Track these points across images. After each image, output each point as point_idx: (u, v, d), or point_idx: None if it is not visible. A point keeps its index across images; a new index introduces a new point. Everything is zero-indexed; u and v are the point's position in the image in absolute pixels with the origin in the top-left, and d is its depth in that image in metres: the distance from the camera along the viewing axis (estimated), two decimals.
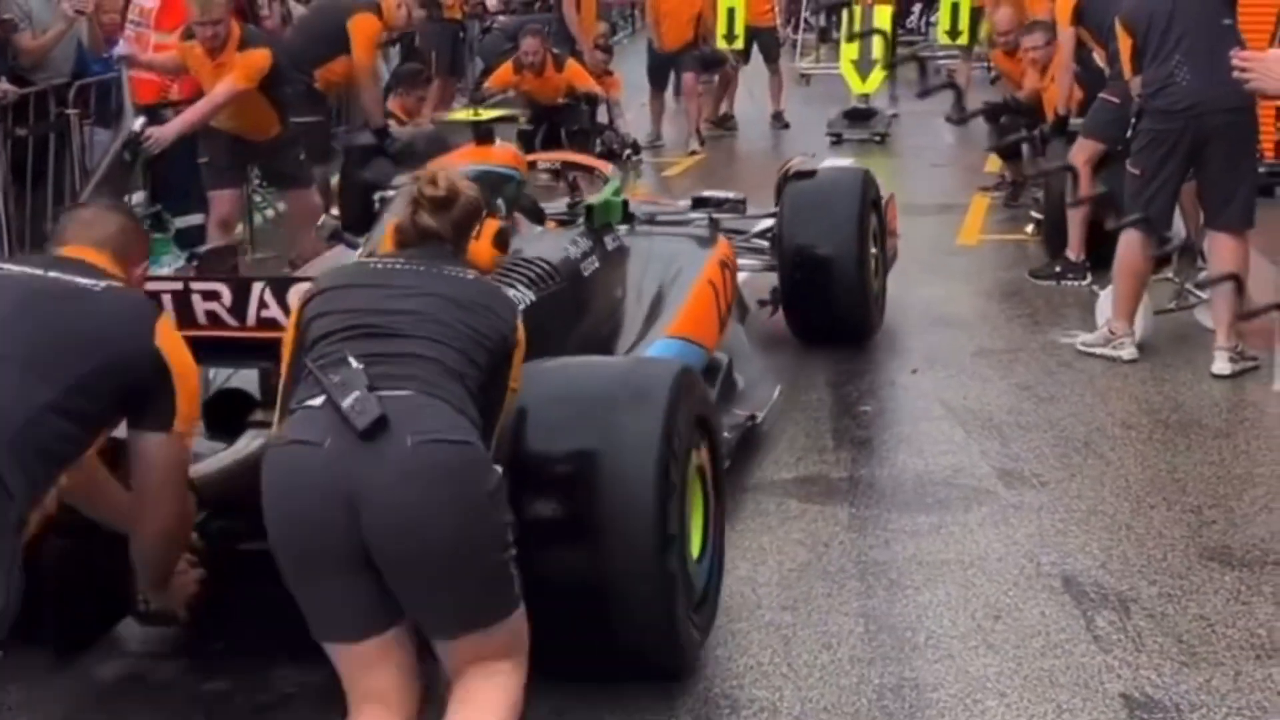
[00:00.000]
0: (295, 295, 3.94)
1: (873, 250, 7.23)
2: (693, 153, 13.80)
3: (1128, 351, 7.02)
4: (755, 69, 15.17)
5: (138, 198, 10.19)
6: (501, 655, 3.30)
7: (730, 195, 7.55)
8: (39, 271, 3.44)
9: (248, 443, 4.14)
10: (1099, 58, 8.37)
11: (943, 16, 15.30)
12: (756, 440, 5.98)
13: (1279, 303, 6.38)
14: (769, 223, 7.40)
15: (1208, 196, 6.96)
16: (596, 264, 5.76)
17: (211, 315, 4.23)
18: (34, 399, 3.15)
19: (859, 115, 14.05)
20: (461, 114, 8.90)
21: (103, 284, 3.43)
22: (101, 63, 9.48)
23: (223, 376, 4.61)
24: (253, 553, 3.57)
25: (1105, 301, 7.29)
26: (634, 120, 13.89)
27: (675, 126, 14.62)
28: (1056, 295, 8.31)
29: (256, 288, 4.28)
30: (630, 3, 25.08)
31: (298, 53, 8.79)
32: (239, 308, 4.27)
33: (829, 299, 7.06)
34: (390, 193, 5.36)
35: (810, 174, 7.31)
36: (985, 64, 14.91)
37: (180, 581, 3.83)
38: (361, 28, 8.93)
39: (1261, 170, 10.54)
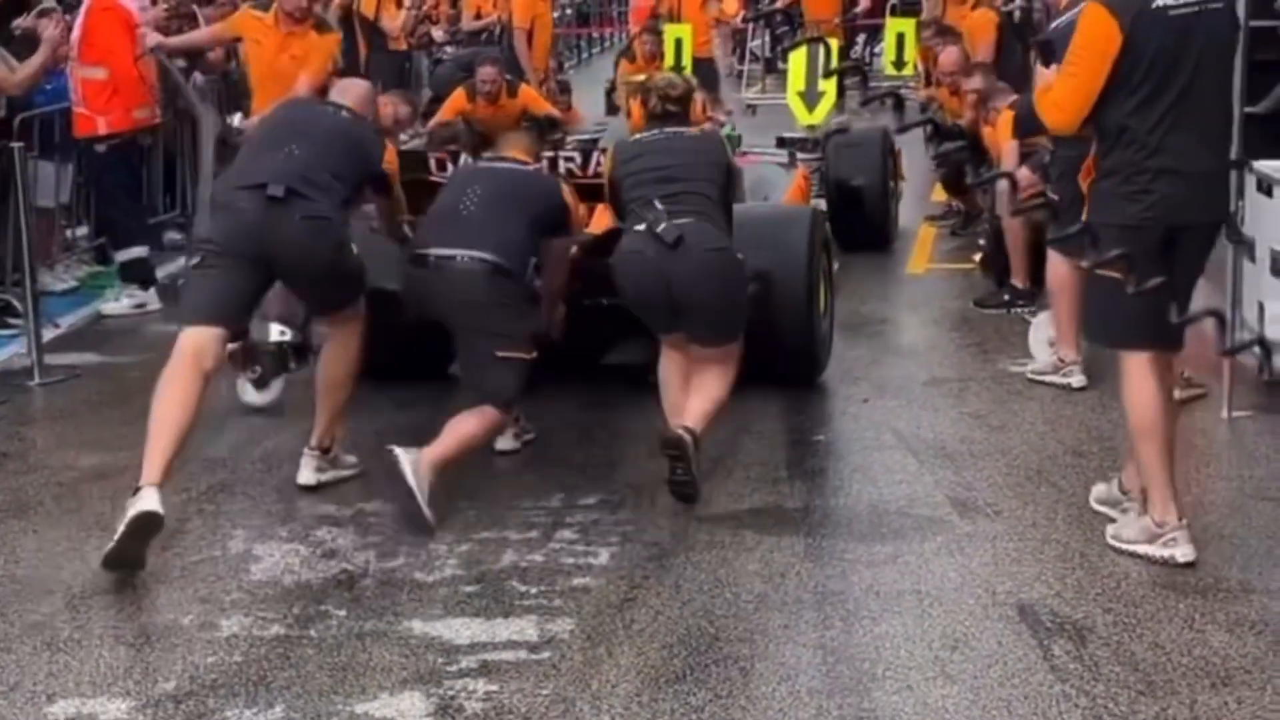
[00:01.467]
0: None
1: (890, 184, 10.40)
2: None
3: (1077, 379, 7.07)
4: None
5: (81, 231, 10.15)
6: (724, 360, 5.90)
7: (803, 135, 10.66)
8: (497, 165, 6.21)
9: None
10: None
11: (888, 47, 15.40)
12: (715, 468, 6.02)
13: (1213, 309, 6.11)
14: (817, 164, 10.13)
15: None
16: None
17: (568, 170, 7.06)
18: (514, 232, 5.86)
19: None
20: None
21: (530, 168, 6.25)
22: (44, 94, 9.41)
23: None
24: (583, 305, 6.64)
25: (1038, 329, 7.36)
26: None
27: None
28: (1005, 324, 8.35)
29: (595, 154, 7.06)
30: (577, 34, 25.17)
31: None
32: (585, 164, 7.04)
33: (862, 217, 9.97)
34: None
35: (846, 130, 10.75)
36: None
37: (557, 314, 6.38)
38: None
39: None
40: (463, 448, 5.71)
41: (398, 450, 5.49)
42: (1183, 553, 5.12)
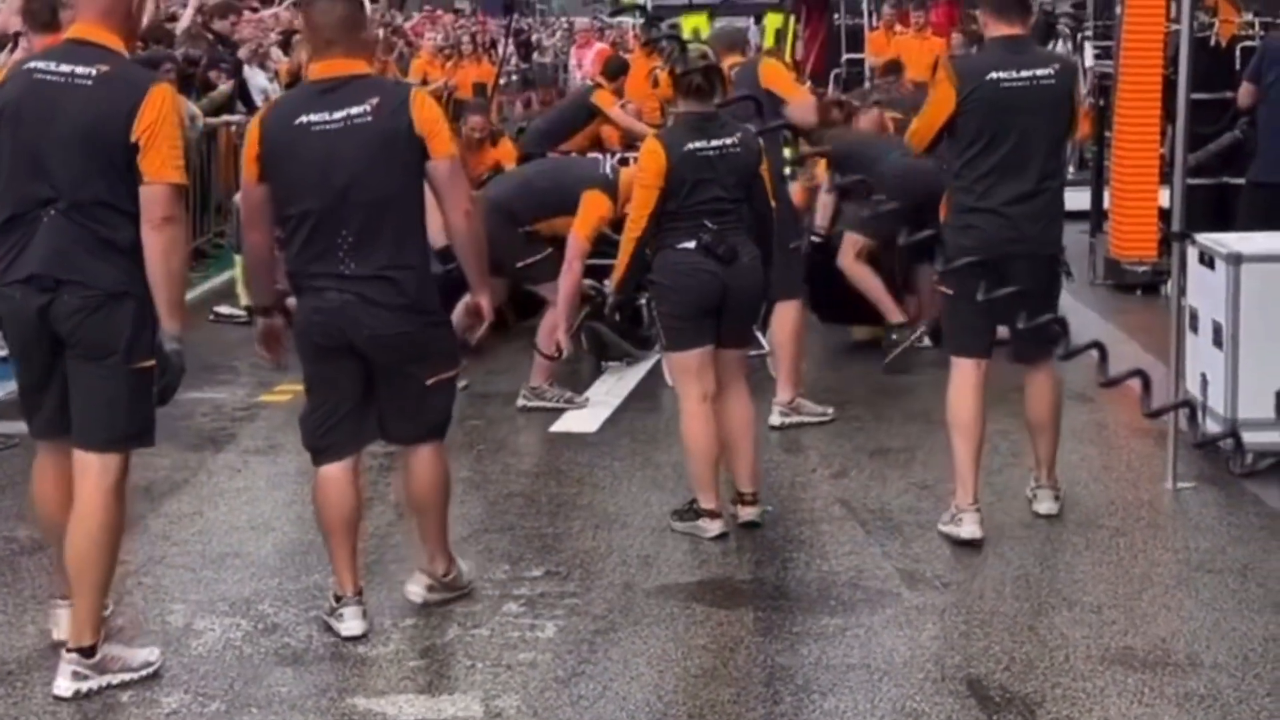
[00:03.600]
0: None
1: None
2: None
3: (966, 529, 6.07)
4: None
5: None
6: (740, 375, 6.34)
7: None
8: (335, 127, 4.97)
9: None
10: None
11: None
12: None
13: (1139, 370, 6.43)
14: None
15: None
16: None
17: None
18: (409, 242, 5.05)
19: None
20: None
21: (370, 105, 4.97)
22: None
23: None
24: None
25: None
26: None
27: None
28: None
29: None
30: (522, 100, 25.32)
31: None
32: None
33: None
34: None
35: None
36: None
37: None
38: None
39: (1144, 269, 10.85)
40: (442, 516, 5.39)
41: (410, 593, 5.41)
42: (967, 530, 6.00)
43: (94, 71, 4.65)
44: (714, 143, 6.17)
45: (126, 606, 5.27)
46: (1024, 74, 6.00)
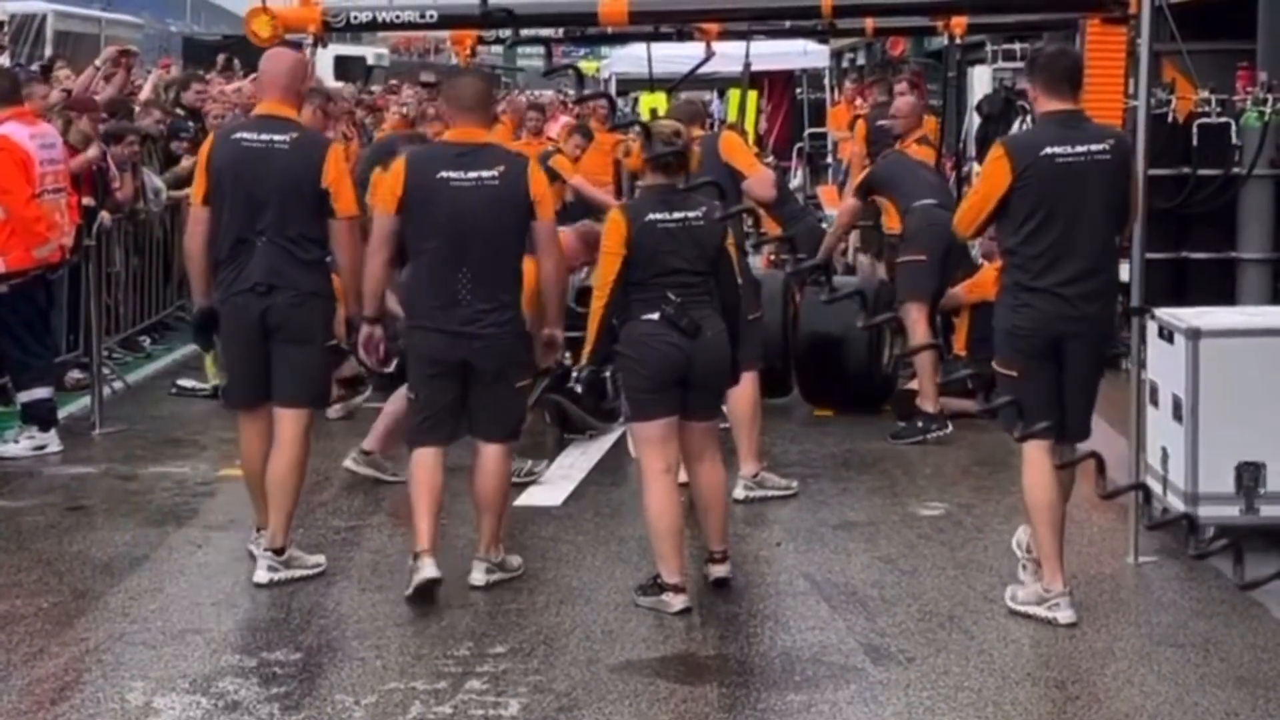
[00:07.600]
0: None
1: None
2: None
3: (1064, 614, 5.97)
4: None
5: None
6: (712, 444, 6.42)
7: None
8: (469, 185, 6.26)
9: None
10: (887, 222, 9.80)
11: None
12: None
13: (1092, 452, 6.16)
14: None
15: None
16: None
17: None
18: (513, 277, 6.37)
19: None
20: None
21: (506, 174, 6.29)
22: None
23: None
24: None
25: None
26: None
27: None
28: (914, 466, 8.40)
29: None
30: None
31: None
32: None
33: None
34: None
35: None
36: None
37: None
38: None
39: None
40: (501, 514, 6.46)
41: (474, 580, 6.34)
42: (1065, 616, 5.90)
43: (288, 138, 6.41)
44: (676, 215, 6.24)
45: None
46: (1079, 149, 5.93)
